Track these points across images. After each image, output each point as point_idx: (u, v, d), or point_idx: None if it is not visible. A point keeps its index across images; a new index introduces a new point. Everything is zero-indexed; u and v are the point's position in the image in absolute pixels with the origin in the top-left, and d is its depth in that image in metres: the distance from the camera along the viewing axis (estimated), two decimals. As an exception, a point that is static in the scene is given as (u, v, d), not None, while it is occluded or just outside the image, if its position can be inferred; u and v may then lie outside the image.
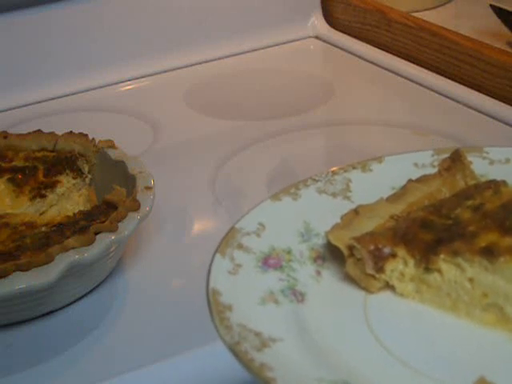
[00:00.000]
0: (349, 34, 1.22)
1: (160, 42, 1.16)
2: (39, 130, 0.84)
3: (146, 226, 0.77)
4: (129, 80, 1.13)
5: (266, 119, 1.02)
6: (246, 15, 1.21)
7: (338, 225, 0.56)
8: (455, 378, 0.47)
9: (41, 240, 0.69)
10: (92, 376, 0.64)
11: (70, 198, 0.79)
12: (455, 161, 0.61)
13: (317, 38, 1.23)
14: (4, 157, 0.82)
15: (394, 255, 0.54)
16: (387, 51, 1.16)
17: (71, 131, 0.83)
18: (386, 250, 0.54)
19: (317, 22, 1.24)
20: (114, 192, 0.73)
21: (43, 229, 0.72)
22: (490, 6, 1.14)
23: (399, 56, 1.14)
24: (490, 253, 0.51)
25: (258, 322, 0.49)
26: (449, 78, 1.06)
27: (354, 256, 0.54)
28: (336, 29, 1.24)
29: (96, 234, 0.68)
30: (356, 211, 0.57)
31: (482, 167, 0.62)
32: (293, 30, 1.23)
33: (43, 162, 0.81)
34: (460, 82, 1.05)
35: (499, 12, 1.13)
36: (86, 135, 0.83)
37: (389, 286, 0.55)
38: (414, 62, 1.12)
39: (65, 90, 1.10)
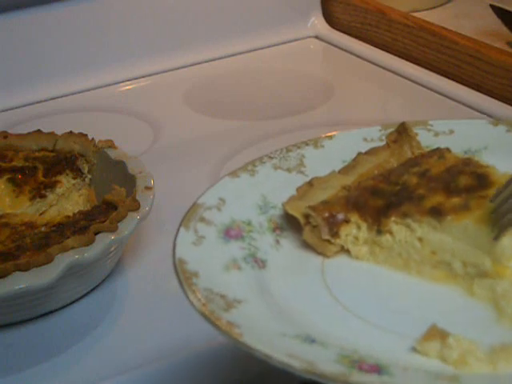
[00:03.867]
0: (349, 34, 1.22)
1: (160, 41, 1.16)
2: (39, 130, 0.84)
3: (145, 226, 0.77)
4: (129, 80, 1.13)
5: (266, 119, 1.02)
6: (246, 15, 1.20)
7: (294, 196, 0.59)
8: (408, 329, 0.50)
9: (41, 240, 0.69)
10: (92, 376, 0.64)
11: (69, 198, 0.79)
12: (402, 133, 0.63)
13: (317, 38, 1.23)
14: (4, 157, 0.82)
15: (347, 221, 0.57)
16: (387, 51, 1.16)
17: (71, 131, 0.83)
18: (340, 216, 0.57)
19: (317, 22, 1.24)
20: (113, 192, 0.73)
21: (43, 229, 0.72)
22: (490, 5, 1.14)
23: (399, 56, 1.14)
24: (437, 212, 0.54)
25: (223, 287, 0.52)
26: (449, 78, 1.06)
27: (310, 224, 0.57)
28: (336, 29, 1.24)
29: (96, 234, 0.68)
30: (310, 183, 0.60)
31: (427, 139, 0.65)
32: (293, 30, 1.23)
33: (43, 161, 0.81)
34: (460, 82, 1.05)
35: (499, 12, 1.12)
36: (86, 135, 0.83)
37: (344, 250, 0.58)
38: (414, 62, 1.12)
39: (65, 90, 1.10)
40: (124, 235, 0.69)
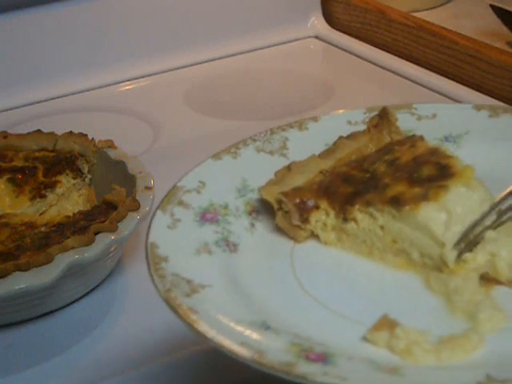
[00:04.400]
0: (349, 34, 1.22)
1: (160, 41, 1.16)
2: (39, 130, 0.84)
3: (145, 226, 0.77)
4: (129, 80, 1.14)
5: (266, 119, 1.02)
6: (246, 15, 1.21)
7: (271, 181, 0.60)
8: (365, 316, 0.50)
9: (41, 240, 0.69)
10: (92, 376, 0.64)
11: (69, 198, 0.79)
12: (383, 118, 0.64)
13: (317, 38, 1.23)
14: (4, 157, 0.82)
15: (317, 207, 0.58)
16: (387, 51, 1.16)
17: (71, 131, 0.83)
18: (310, 203, 0.58)
19: (317, 22, 1.24)
20: (113, 192, 0.73)
21: (43, 229, 0.72)
22: (490, 5, 1.14)
23: (399, 56, 1.14)
24: (397, 202, 0.55)
25: (191, 271, 0.53)
26: (449, 78, 1.06)
27: (282, 209, 0.59)
28: (336, 29, 1.24)
29: (96, 234, 0.68)
30: (289, 167, 0.61)
31: (410, 123, 0.66)
32: (293, 30, 1.23)
33: (43, 161, 0.81)
34: (460, 82, 1.05)
35: (499, 12, 1.13)
36: (86, 135, 0.83)
37: (314, 236, 0.59)
38: (414, 62, 1.12)
39: (65, 90, 1.10)
40: (124, 235, 0.69)
